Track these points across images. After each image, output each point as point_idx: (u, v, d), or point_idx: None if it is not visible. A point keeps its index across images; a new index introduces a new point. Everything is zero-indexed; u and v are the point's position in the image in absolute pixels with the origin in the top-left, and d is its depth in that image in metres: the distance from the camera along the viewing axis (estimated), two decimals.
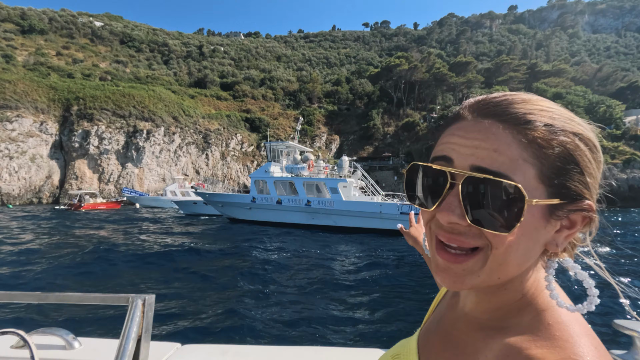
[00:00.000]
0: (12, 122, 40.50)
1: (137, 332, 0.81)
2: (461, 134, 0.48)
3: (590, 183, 0.47)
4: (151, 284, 7.60)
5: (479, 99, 0.50)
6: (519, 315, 0.50)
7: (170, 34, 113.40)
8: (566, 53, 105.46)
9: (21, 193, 40.01)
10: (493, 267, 0.47)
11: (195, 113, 54.80)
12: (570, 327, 0.46)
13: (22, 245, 12.25)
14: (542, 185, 0.45)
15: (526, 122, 0.45)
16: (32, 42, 70.51)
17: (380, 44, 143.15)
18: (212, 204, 20.79)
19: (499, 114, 0.47)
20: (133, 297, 0.85)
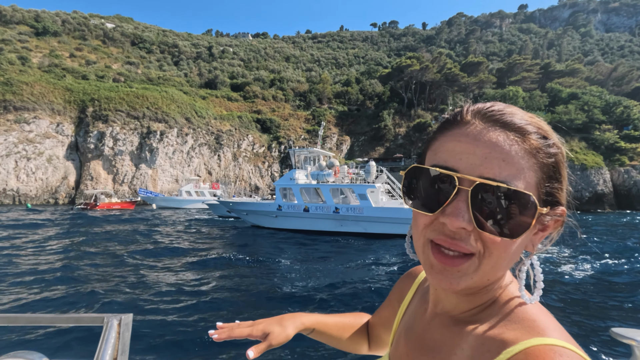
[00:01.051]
0: (29, 124, 41.03)
1: (111, 355, 0.77)
2: (469, 141, 0.49)
3: (565, 192, 0.52)
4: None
5: (482, 105, 0.52)
6: (490, 307, 0.54)
7: (179, 35, 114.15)
8: (579, 52, 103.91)
9: (38, 194, 40.48)
10: (486, 270, 0.49)
11: (207, 114, 55.02)
12: (534, 311, 0.51)
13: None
14: (536, 192, 0.48)
15: (528, 133, 0.48)
16: (46, 44, 71.48)
17: (389, 44, 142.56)
18: (236, 212, 20.63)
19: (505, 123, 0.49)
20: (108, 316, 0.82)
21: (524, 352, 0.44)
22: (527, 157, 0.47)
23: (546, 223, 0.51)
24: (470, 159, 0.48)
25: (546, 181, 0.48)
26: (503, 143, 0.47)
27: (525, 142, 0.47)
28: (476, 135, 0.48)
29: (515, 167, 0.46)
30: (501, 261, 0.49)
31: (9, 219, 21.74)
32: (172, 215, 29.28)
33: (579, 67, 71.74)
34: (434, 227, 0.50)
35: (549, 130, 0.50)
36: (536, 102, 57.19)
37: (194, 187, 39.14)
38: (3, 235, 14.75)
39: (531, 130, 0.48)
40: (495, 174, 0.46)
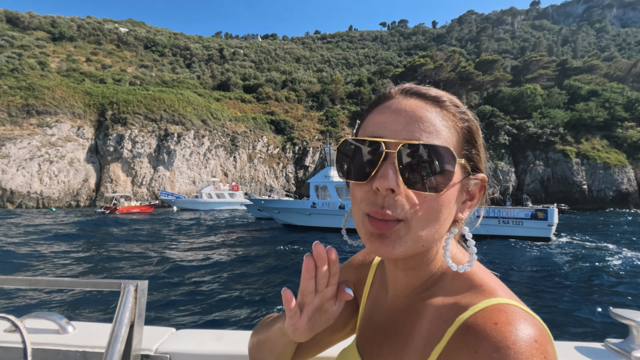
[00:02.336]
0: (51, 127, 41.73)
1: (129, 318, 0.82)
2: (391, 111, 0.53)
3: (483, 158, 0.56)
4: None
5: (404, 85, 0.57)
6: (440, 280, 0.57)
7: (190, 37, 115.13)
8: (594, 48, 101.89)
9: (60, 196, 41.12)
10: (418, 232, 0.51)
11: (222, 116, 55.32)
12: (480, 275, 0.54)
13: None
14: (456, 151, 0.52)
15: (442, 101, 0.54)
16: (63, 49, 72.69)
17: (399, 44, 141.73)
18: (267, 210, 20.52)
19: (422, 94, 0.54)
20: (125, 282, 0.85)
21: (473, 316, 0.47)
22: (443, 121, 0.52)
23: (471, 190, 0.55)
24: (394, 126, 0.52)
25: (464, 145, 0.53)
26: (421, 109, 0.52)
27: (441, 108, 0.53)
28: (398, 106, 0.53)
29: (434, 128, 0.51)
30: (430, 223, 0.51)
31: (36, 225, 22.01)
32: (204, 216, 29.40)
33: (597, 63, 70.31)
34: (368, 198, 0.52)
35: (459, 103, 0.56)
36: (555, 100, 56.15)
37: (214, 189, 39.30)
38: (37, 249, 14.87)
39: (445, 99, 0.54)
40: (416, 136, 0.50)
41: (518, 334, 0.42)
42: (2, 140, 38.49)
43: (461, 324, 0.48)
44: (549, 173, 47.79)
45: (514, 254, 12.13)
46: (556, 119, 50.18)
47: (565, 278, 8.82)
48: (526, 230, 14.32)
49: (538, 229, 14.32)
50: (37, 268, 9.57)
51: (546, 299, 7.09)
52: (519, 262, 10.76)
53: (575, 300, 6.85)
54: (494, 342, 0.42)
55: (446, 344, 0.48)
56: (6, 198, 38.31)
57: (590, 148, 47.66)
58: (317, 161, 59.92)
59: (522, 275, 9.29)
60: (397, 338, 0.58)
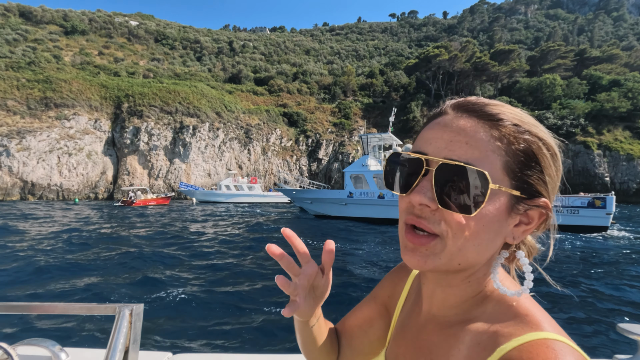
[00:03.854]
0: (69, 120, 41.96)
1: (124, 344, 0.80)
2: (439, 128, 0.53)
3: (549, 183, 0.52)
4: None
5: (461, 99, 0.56)
6: (482, 304, 0.55)
7: (199, 30, 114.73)
8: (612, 38, 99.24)
9: (79, 189, 41.49)
10: (453, 251, 0.51)
11: (236, 108, 55.14)
12: (526, 305, 0.51)
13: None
14: (507, 177, 0.50)
15: (498, 120, 0.50)
16: (76, 43, 72.94)
17: (409, 35, 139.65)
18: (299, 200, 20.16)
19: (475, 111, 0.52)
20: (120, 306, 0.83)
21: (517, 349, 0.45)
22: (492, 141, 0.49)
23: (525, 213, 0.52)
24: (438, 143, 0.52)
25: (516, 167, 0.50)
26: (469, 128, 0.50)
27: (494, 127, 0.50)
28: (446, 123, 0.53)
29: (479, 150, 0.49)
30: (467, 243, 0.50)
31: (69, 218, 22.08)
32: (232, 211, 29.38)
33: (617, 52, 68.45)
34: (407, 209, 0.54)
35: (527, 121, 0.52)
36: (575, 90, 54.84)
37: (233, 181, 39.24)
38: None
39: (503, 117, 0.51)
40: (458, 155, 0.49)
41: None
42: (23, 133, 38.83)
43: (503, 355, 0.46)
44: (569, 165, 46.85)
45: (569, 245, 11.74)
46: (576, 110, 49.05)
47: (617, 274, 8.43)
48: (582, 219, 13.75)
49: (595, 218, 13.70)
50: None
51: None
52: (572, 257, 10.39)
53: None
54: None
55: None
56: (27, 190, 38.76)
57: (613, 139, 46.56)
58: (330, 154, 59.58)
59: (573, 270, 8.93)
60: (431, 358, 0.57)
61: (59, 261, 8.64)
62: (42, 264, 8.28)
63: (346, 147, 58.62)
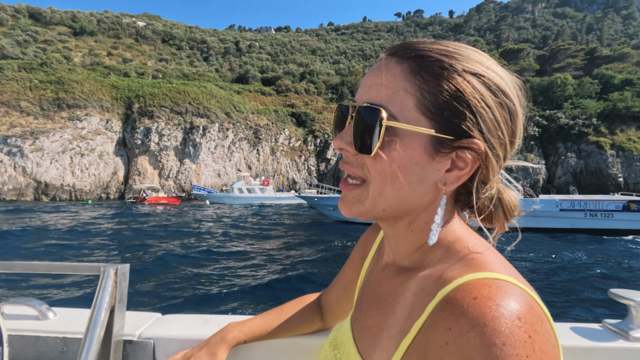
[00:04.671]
0: (81, 121, 42.27)
1: (109, 302, 0.80)
2: (367, 73, 0.52)
3: (483, 125, 0.47)
4: None
5: (395, 44, 0.53)
6: (431, 252, 0.53)
7: (205, 31, 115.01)
8: (622, 36, 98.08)
9: (91, 189, 41.76)
10: (375, 196, 0.50)
11: (245, 109, 55.23)
12: (476, 248, 0.49)
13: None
14: (423, 117, 0.47)
15: (419, 57, 0.47)
16: (85, 44, 73.42)
17: (415, 34, 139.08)
18: (321, 207, 19.85)
19: (402, 52, 0.49)
20: (105, 266, 0.83)
21: (455, 289, 0.43)
22: (409, 79, 0.47)
23: (457, 157, 0.49)
24: (362, 89, 0.51)
25: (437, 106, 0.46)
26: (389, 69, 0.48)
27: (416, 65, 0.47)
28: (373, 67, 0.51)
29: (391, 90, 0.47)
30: (386, 187, 0.49)
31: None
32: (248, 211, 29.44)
33: (628, 51, 67.58)
34: (338, 155, 0.59)
35: (462, 53, 0.48)
36: (586, 90, 54.26)
37: (245, 183, 39.27)
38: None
39: (429, 54, 0.48)
40: (373, 98, 0.48)
41: (499, 309, 0.37)
42: (36, 134, 39.16)
43: (442, 298, 0.44)
44: (581, 165, 46.38)
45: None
46: (588, 110, 48.53)
47: None
48: (616, 223, 13.46)
49: (631, 222, 13.34)
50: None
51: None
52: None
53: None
54: (470, 319, 0.37)
55: (425, 319, 0.45)
56: (41, 190, 39.09)
57: (626, 139, 46.02)
58: (338, 154, 59.33)
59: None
60: (381, 309, 0.56)
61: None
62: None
63: None
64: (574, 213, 13.67)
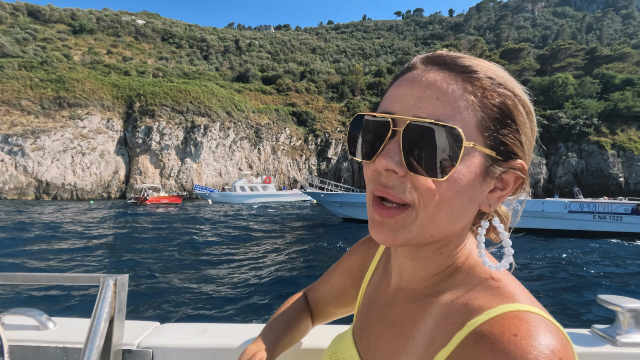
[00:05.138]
0: (82, 120, 42.10)
1: (108, 313, 0.81)
2: (407, 83, 0.48)
3: (525, 143, 0.47)
4: None
5: (430, 52, 0.51)
6: (452, 276, 0.51)
7: (205, 29, 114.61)
8: (621, 36, 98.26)
9: (93, 188, 41.64)
10: (425, 222, 0.46)
11: (246, 108, 55.10)
12: (499, 277, 0.48)
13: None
14: (481, 136, 0.45)
15: (471, 72, 0.46)
16: (84, 42, 73.07)
17: (415, 33, 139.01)
18: (327, 204, 19.84)
19: (447, 63, 0.47)
20: (104, 276, 0.85)
21: (488, 322, 0.42)
22: (465, 95, 0.45)
23: (502, 177, 0.48)
24: (406, 101, 0.46)
25: (491, 124, 0.45)
26: (440, 82, 0.46)
27: (467, 80, 0.46)
28: (415, 77, 0.48)
29: (450, 106, 0.44)
30: (439, 212, 0.46)
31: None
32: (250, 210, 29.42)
33: (628, 50, 67.73)
34: (374, 178, 0.49)
35: (502, 75, 0.48)
36: (587, 89, 54.38)
37: (247, 182, 39.23)
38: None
39: (476, 69, 0.46)
40: (428, 112, 0.44)
41: (541, 350, 0.36)
42: (37, 133, 38.99)
43: (473, 330, 0.42)
44: (582, 165, 46.52)
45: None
46: (589, 109, 48.65)
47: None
48: (625, 226, 13.45)
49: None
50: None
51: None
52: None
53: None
54: (512, 357, 0.37)
55: (454, 349, 0.43)
56: (42, 190, 38.95)
57: (627, 139, 46.17)
58: (339, 153, 59.45)
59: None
60: (397, 333, 0.53)
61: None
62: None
63: None
64: (583, 215, 13.73)
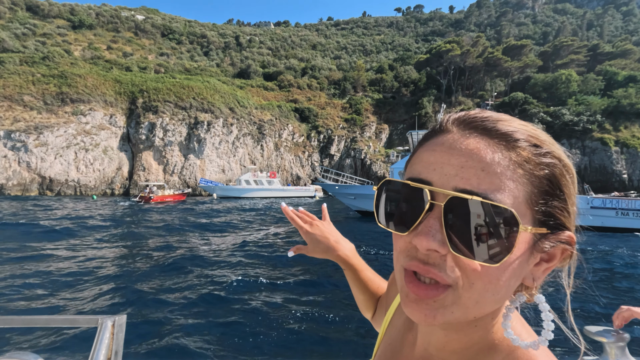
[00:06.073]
0: (85, 116, 41.80)
1: (105, 355, 0.78)
2: (444, 149, 0.43)
3: (572, 213, 0.43)
4: None
5: (464, 113, 0.46)
6: (489, 355, 0.47)
7: (204, 25, 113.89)
8: (622, 33, 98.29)
9: (96, 184, 41.43)
10: (468, 304, 0.42)
11: (248, 104, 54.88)
12: (542, 357, 0.43)
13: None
14: (529, 210, 0.41)
15: (515, 140, 0.41)
16: (84, 37, 72.45)
17: (415, 30, 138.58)
18: (341, 196, 19.88)
19: (487, 128, 0.43)
20: (102, 318, 0.83)
21: None
22: (512, 167, 0.40)
23: (548, 251, 0.43)
24: (445, 170, 0.42)
25: (540, 197, 0.41)
26: (483, 150, 0.41)
27: (511, 149, 0.41)
28: (452, 143, 0.43)
29: (497, 178, 0.40)
30: (485, 293, 0.41)
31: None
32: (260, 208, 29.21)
33: (630, 47, 67.78)
34: (408, 251, 0.44)
35: (545, 139, 0.43)
36: (590, 86, 54.41)
37: (252, 176, 39.14)
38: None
39: (519, 137, 0.42)
40: (472, 185, 0.40)
41: None
42: (40, 129, 38.69)
43: None
44: (586, 162, 46.63)
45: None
46: (592, 106, 48.70)
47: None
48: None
49: None
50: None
51: None
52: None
53: None
54: None
55: None
56: (45, 186, 38.71)
57: (630, 136, 46.28)
58: (342, 149, 59.38)
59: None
60: None
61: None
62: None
63: (358, 143, 58.36)
64: (605, 211, 13.68)
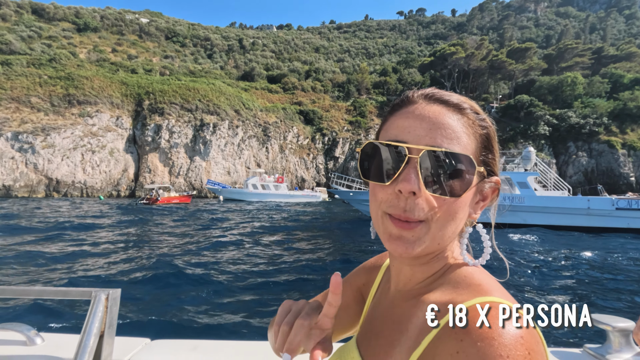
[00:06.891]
0: (92, 117, 41.85)
1: (99, 328, 0.79)
2: (415, 116, 0.57)
3: (498, 162, 0.60)
4: None
5: (426, 90, 0.60)
6: (442, 276, 0.59)
7: (208, 28, 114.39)
8: (625, 36, 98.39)
9: (102, 186, 41.40)
10: (436, 233, 0.55)
11: (253, 106, 54.91)
12: (480, 276, 0.56)
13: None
14: (476, 159, 0.56)
15: (464, 109, 0.57)
16: (89, 40, 72.76)
17: (418, 33, 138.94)
18: (355, 202, 19.64)
19: (444, 101, 0.57)
20: (96, 291, 0.83)
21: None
22: (464, 128, 0.55)
23: (485, 191, 0.59)
24: (417, 131, 0.55)
25: (482, 150, 0.57)
26: (444, 116, 0.55)
27: (463, 115, 0.56)
28: (421, 112, 0.56)
29: (455, 135, 0.54)
30: (447, 224, 0.55)
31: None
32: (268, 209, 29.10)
33: (635, 50, 67.76)
34: (390, 200, 0.55)
35: (480, 109, 0.59)
36: (596, 89, 54.34)
37: (260, 180, 39.01)
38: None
39: (466, 106, 0.58)
40: (438, 142, 0.53)
41: (505, 327, 0.44)
42: (47, 130, 38.72)
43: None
44: (593, 164, 46.49)
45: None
46: (599, 109, 48.60)
47: None
48: None
49: None
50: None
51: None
52: None
53: None
54: (479, 333, 0.44)
55: (437, 333, 0.49)
56: (52, 187, 38.69)
57: (637, 138, 46.17)
58: (347, 152, 59.30)
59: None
60: (394, 328, 0.59)
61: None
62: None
63: None
64: (631, 212, 13.56)
